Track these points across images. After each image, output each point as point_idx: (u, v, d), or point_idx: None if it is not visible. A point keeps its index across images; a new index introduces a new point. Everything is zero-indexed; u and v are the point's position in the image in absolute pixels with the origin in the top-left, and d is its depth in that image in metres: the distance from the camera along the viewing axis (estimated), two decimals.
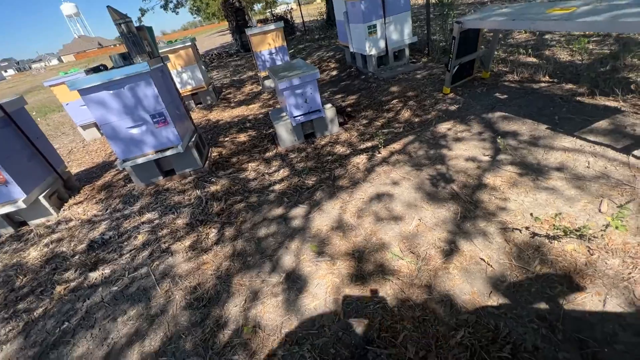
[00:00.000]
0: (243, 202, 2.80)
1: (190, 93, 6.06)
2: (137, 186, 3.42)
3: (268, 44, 5.92)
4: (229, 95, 6.76)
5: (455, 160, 2.61)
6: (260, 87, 6.63)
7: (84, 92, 2.77)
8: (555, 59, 3.93)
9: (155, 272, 2.22)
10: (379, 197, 2.46)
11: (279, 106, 5.12)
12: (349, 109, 4.26)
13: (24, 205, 2.94)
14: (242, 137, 4.28)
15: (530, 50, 4.38)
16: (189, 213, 2.80)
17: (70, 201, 3.51)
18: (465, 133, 2.94)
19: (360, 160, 3.02)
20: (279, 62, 6.12)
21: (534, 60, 4.19)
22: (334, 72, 6.41)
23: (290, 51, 10.52)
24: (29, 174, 3.13)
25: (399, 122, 3.54)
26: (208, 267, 2.16)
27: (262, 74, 6.19)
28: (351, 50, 5.55)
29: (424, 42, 5.50)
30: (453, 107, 3.46)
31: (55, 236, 2.92)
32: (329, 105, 3.62)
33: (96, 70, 3.08)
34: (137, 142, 3.08)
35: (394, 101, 4.04)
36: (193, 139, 3.47)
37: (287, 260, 2.07)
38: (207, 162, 3.62)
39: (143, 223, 2.79)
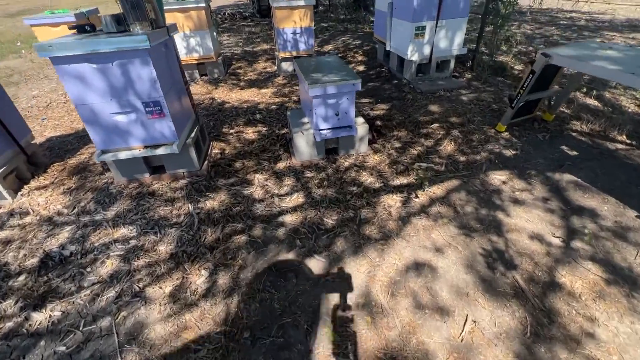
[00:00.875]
0: (245, 234, 2.26)
1: (195, 62, 5.28)
2: (117, 180, 2.81)
3: (294, 21, 5.14)
4: (238, 71, 5.99)
5: (515, 234, 2.11)
6: (276, 68, 5.89)
7: (57, 61, 2.09)
8: (631, 116, 3.39)
9: (120, 329, 1.69)
10: (417, 267, 1.96)
11: (296, 99, 4.46)
12: (378, 123, 3.67)
13: None
14: (251, 133, 3.66)
15: (592, 91, 3.83)
16: (175, 237, 2.24)
17: (33, 183, 2.87)
18: (525, 194, 2.43)
19: (393, 202, 2.49)
20: (302, 46, 5.37)
21: (596, 104, 3.65)
22: (361, 68, 5.70)
23: None
24: None
25: (440, 156, 2.98)
26: (190, 336, 1.65)
27: (281, 54, 5.44)
28: (387, 48, 4.86)
29: (470, 55, 4.85)
30: (508, 152, 2.92)
31: (2, 234, 2.32)
32: (360, 121, 3.02)
33: (81, 30, 2.39)
34: (122, 132, 2.44)
35: (434, 125, 3.46)
36: (193, 134, 2.84)
37: (295, 354, 1.56)
38: (206, 162, 3.02)
39: (116, 241, 2.22)
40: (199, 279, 1.94)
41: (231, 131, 3.74)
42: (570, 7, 11.27)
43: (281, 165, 3.04)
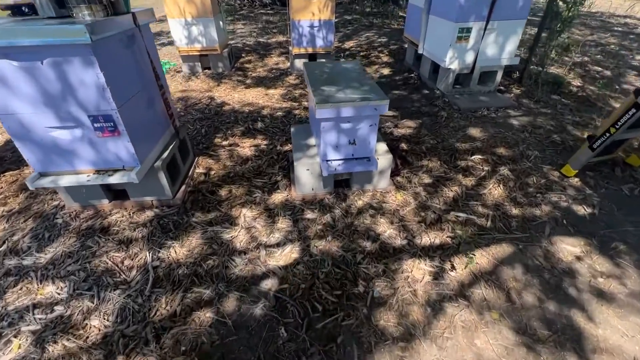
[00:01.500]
0: (212, 309, 1.63)
1: (198, 53, 4.66)
2: (68, 206, 2.23)
3: (312, 13, 4.42)
4: (247, 65, 5.34)
5: (606, 358, 1.41)
6: (289, 65, 5.20)
7: None
8: None
9: None
10: None
11: (307, 106, 3.78)
12: (404, 147, 2.96)
13: None
14: (247, 147, 3.02)
15: None
16: (117, 306, 1.64)
17: None
18: (614, 284, 1.70)
19: (420, 273, 1.81)
20: (319, 42, 4.66)
21: None
22: (385, 71, 4.95)
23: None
24: None
25: (485, 203, 2.27)
26: None
27: (295, 50, 4.75)
28: (420, 50, 4.10)
29: (520, 66, 4.03)
30: (581, 210, 2.17)
31: None
32: (382, 149, 2.33)
33: (18, 11, 1.78)
34: (65, 152, 1.84)
35: (476, 157, 2.73)
36: (166, 154, 2.22)
37: None
38: (184, 187, 2.40)
39: (37, 306, 1.63)
40: None
41: (224, 143, 3.11)
42: (623, 11, 10.06)
43: (277, 197, 2.39)
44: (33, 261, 1.86)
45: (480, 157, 2.72)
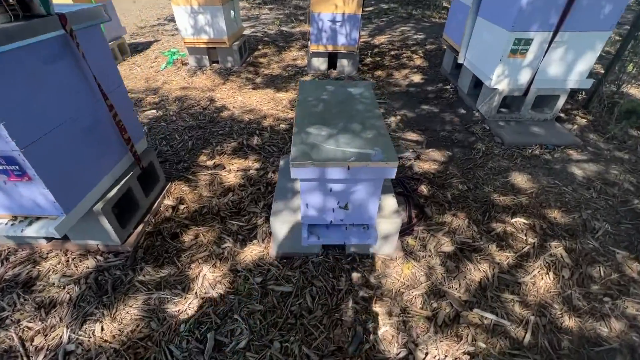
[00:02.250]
0: None
1: (205, 45, 4.18)
2: (1, 243, 1.88)
3: (335, 5, 3.77)
4: (261, 60, 4.80)
5: None
6: (306, 64, 4.60)
7: None
8: None
9: None
10: None
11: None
12: (423, 193, 2.34)
13: None
14: (233, 172, 2.53)
15: None
16: None
17: None
18: None
19: None
20: (341, 39, 4.00)
21: None
22: (416, 78, 4.22)
23: (367, 9, 8.01)
24: None
25: (524, 300, 1.64)
26: None
27: (313, 47, 4.13)
28: (460, 60, 3.35)
29: (590, 89, 3.17)
30: None
31: None
32: (391, 207, 1.74)
33: None
34: None
35: (519, 220, 2.06)
36: (114, 192, 1.78)
37: None
38: (141, 227, 1.97)
39: None
40: None
41: (209, 163, 2.64)
42: None
43: (250, 252, 1.90)
44: None
45: (524, 220, 2.05)
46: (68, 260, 1.81)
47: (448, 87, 3.80)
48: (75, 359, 1.41)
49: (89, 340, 1.47)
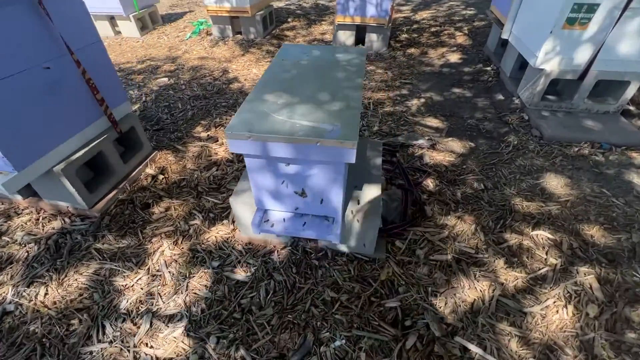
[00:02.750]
0: None
1: (227, 14, 4.01)
2: None
3: None
4: (287, 33, 4.53)
5: None
6: (332, 38, 4.25)
7: None
8: None
9: None
10: None
11: None
12: (428, 188, 1.98)
13: None
14: (225, 145, 2.38)
15: None
16: None
17: None
18: None
19: None
20: (371, 10, 3.58)
21: None
22: (454, 58, 3.67)
23: None
24: None
25: (526, 337, 1.27)
26: None
27: (339, 19, 3.77)
28: (504, 34, 2.80)
29: None
30: None
31: None
32: (371, 194, 1.44)
33: None
34: None
35: (541, 233, 1.63)
36: (80, 154, 1.70)
37: None
38: (114, 194, 1.90)
39: None
40: None
41: (203, 134, 2.51)
42: None
43: (217, 232, 1.74)
44: None
45: (548, 235, 1.62)
46: (38, 219, 1.80)
47: (488, 68, 3.24)
48: (11, 319, 1.37)
49: (29, 303, 1.42)
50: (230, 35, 4.28)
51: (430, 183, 1.99)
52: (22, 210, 1.86)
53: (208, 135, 2.51)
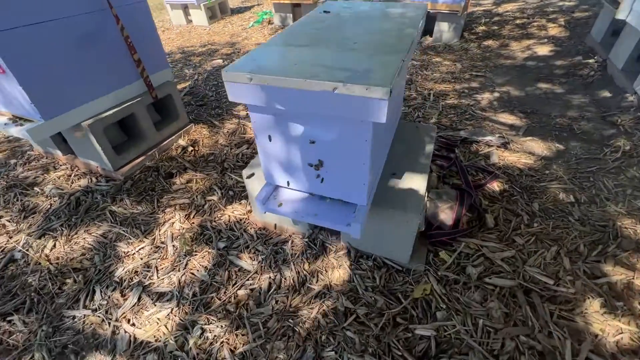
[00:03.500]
0: None
1: (289, 2, 3.94)
2: (35, 149, 2.02)
3: None
4: None
5: None
6: None
7: None
8: None
9: None
10: None
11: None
12: (494, 188, 1.54)
13: None
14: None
15: None
16: None
17: None
18: None
19: None
20: None
21: None
22: (543, 50, 3.04)
23: None
24: None
25: None
26: None
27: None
28: (620, 14, 2.18)
29: None
30: None
31: None
32: (415, 194, 1.10)
33: None
34: None
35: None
36: (110, 113, 1.66)
37: None
38: (141, 160, 1.84)
39: None
40: None
41: (242, 113, 2.39)
42: None
43: (233, 212, 1.55)
44: None
45: None
46: (70, 175, 1.81)
47: (591, 61, 2.59)
48: (15, 267, 1.34)
49: (34, 255, 1.38)
50: (290, 23, 4.21)
51: (496, 187, 1.56)
52: (60, 165, 1.90)
53: (247, 113, 2.38)
